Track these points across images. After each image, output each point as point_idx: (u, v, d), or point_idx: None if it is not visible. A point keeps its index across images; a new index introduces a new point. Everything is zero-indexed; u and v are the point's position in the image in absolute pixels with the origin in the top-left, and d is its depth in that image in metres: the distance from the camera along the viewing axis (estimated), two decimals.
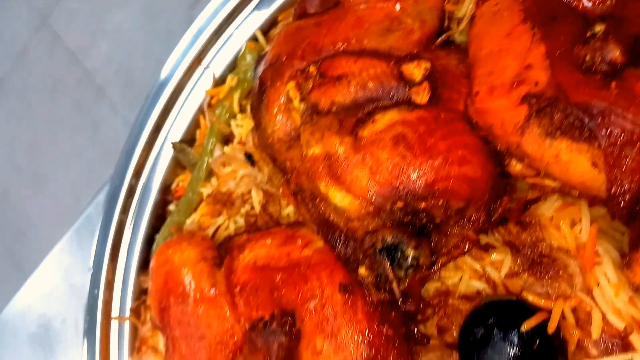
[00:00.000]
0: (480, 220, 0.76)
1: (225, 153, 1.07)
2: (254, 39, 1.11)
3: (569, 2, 0.74)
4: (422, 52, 0.86)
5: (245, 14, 1.12)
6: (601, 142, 0.64)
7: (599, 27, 0.66)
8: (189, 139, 1.17)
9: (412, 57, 0.80)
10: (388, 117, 0.76)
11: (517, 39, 0.75)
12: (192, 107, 1.16)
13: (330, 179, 0.77)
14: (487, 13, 0.82)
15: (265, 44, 1.09)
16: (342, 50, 0.86)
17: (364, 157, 0.74)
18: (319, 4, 0.95)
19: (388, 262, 0.71)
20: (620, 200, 0.64)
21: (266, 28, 1.11)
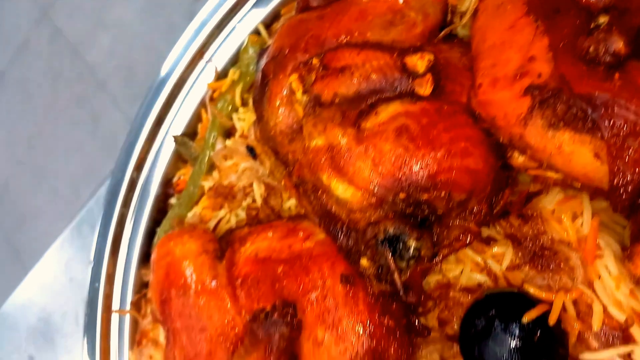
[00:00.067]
0: (482, 213, 0.76)
1: (227, 146, 1.07)
2: (256, 32, 1.11)
3: None
4: (425, 45, 0.86)
5: (247, 8, 1.12)
6: (604, 134, 0.64)
7: (603, 19, 0.66)
8: (190, 133, 1.17)
9: (415, 49, 0.80)
10: (391, 108, 0.76)
11: (520, 32, 0.75)
12: (194, 101, 1.16)
13: (333, 171, 0.77)
14: (490, 6, 0.82)
15: (268, 38, 1.09)
16: (345, 42, 0.86)
17: (366, 148, 0.74)
18: None
19: (390, 253, 0.71)
20: (622, 191, 0.64)
21: (269, 22, 1.11)
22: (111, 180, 1.21)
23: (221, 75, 1.13)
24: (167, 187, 1.18)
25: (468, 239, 0.76)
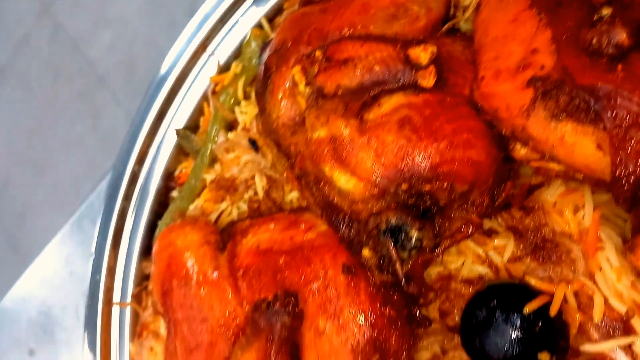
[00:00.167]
0: (484, 204, 0.76)
1: (229, 139, 1.07)
2: (259, 26, 1.11)
3: None
4: (428, 39, 0.86)
5: (250, 1, 1.12)
6: (606, 125, 0.64)
7: (606, 11, 0.66)
8: (192, 126, 1.17)
9: (418, 41, 0.80)
10: (394, 100, 0.76)
11: (523, 25, 0.75)
12: (196, 94, 1.16)
13: (335, 162, 0.77)
14: (493, 0, 0.82)
15: (271, 32, 1.09)
16: (348, 35, 0.86)
17: (369, 139, 0.75)
18: None
19: (392, 243, 0.72)
20: (624, 182, 0.64)
21: (271, 15, 1.11)
22: (112, 173, 1.21)
23: (224, 68, 1.13)
24: (169, 180, 1.18)
25: (470, 230, 0.76)
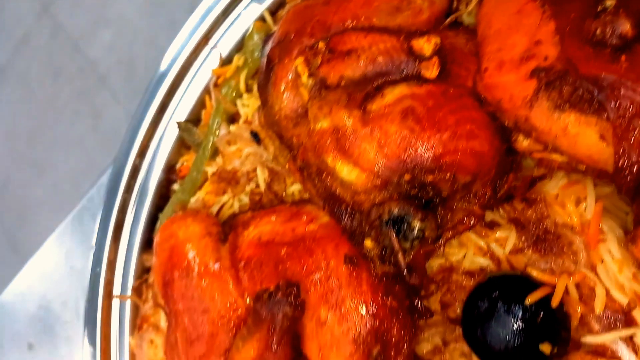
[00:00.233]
0: (486, 196, 0.76)
1: (230, 132, 1.07)
2: (261, 19, 1.11)
3: None
4: (431, 31, 0.86)
5: None
6: (610, 115, 0.64)
7: (610, 2, 0.66)
8: (194, 119, 1.17)
9: (422, 32, 0.80)
10: (397, 91, 0.76)
11: (526, 16, 0.75)
12: (198, 87, 1.16)
13: (338, 153, 0.77)
14: None
15: (273, 24, 1.09)
16: (352, 27, 0.87)
17: (372, 130, 0.75)
18: None
19: (394, 233, 0.72)
20: (627, 173, 0.65)
21: (274, 8, 1.11)
22: (114, 166, 1.21)
23: (226, 61, 1.13)
24: (170, 173, 1.18)
25: (472, 221, 0.76)
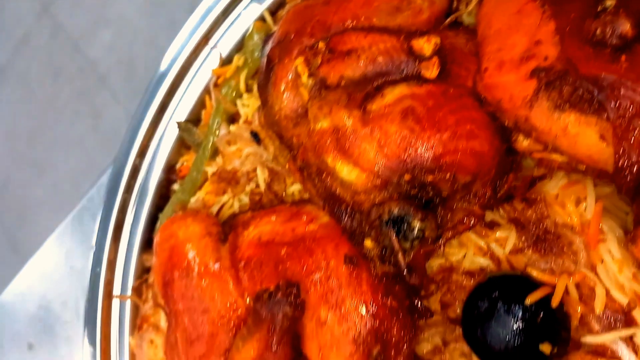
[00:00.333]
0: (486, 196, 0.76)
1: (230, 132, 1.07)
2: (261, 19, 1.11)
3: None
4: (431, 31, 0.86)
5: None
6: (610, 115, 0.64)
7: (610, 2, 0.66)
8: (194, 119, 1.17)
9: (422, 32, 0.80)
10: (397, 91, 0.76)
11: (526, 17, 0.75)
12: (198, 87, 1.16)
13: (338, 153, 0.77)
14: None
15: (273, 24, 1.09)
16: (352, 27, 0.87)
17: (372, 130, 0.75)
18: None
19: (394, 233, 0.72)
20: (627, 173, 0.65)
21: (274, 8, 1.11)
22: (114, 166, 1.21)
23: (226, 61, 1.13)
24: (170, 173, 1.18)
25: (472, 221, 0.76)
